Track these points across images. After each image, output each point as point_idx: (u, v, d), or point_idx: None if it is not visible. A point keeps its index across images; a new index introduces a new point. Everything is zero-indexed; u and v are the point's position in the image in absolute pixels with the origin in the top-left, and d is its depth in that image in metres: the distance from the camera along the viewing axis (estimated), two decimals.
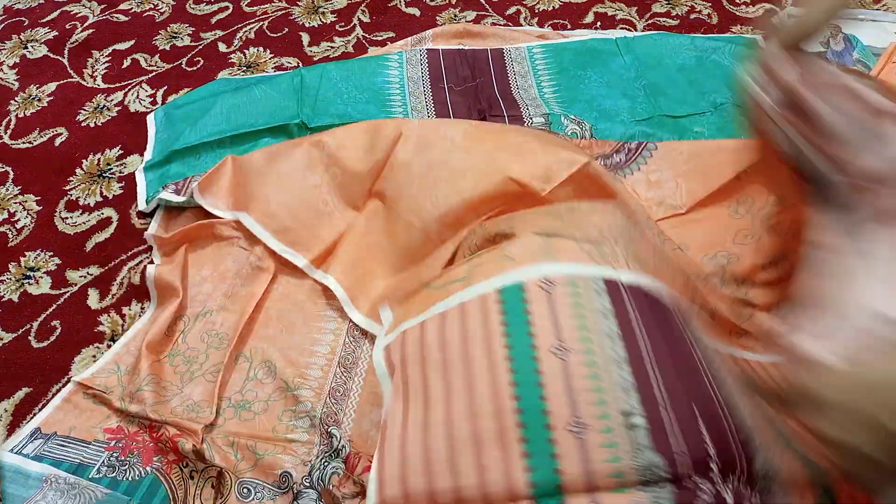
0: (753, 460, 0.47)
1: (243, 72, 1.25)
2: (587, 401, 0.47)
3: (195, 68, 1.28)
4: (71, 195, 1.07)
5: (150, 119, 1.17)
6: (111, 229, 1.02)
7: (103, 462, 0.74)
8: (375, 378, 0.66)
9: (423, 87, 1.13)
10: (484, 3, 1.35)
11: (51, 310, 0.92)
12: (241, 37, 1.34)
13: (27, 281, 0.96)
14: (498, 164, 0.82)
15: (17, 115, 1.23)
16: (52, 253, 0.99)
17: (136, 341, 0.85)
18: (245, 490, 0.71)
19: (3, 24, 1.46)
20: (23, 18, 1.47)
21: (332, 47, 1.29)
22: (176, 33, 1.37)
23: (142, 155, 1.12)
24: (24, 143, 1.17)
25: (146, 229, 0.98)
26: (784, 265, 0.78)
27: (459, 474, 0.48)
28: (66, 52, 1.36)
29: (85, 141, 1.16)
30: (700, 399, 0.48)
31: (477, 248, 0.73)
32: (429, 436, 0.52)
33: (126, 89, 1.25)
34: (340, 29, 1.34)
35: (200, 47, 1.33)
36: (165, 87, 1.24)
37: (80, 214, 1.04)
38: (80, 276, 0.96)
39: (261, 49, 1.31)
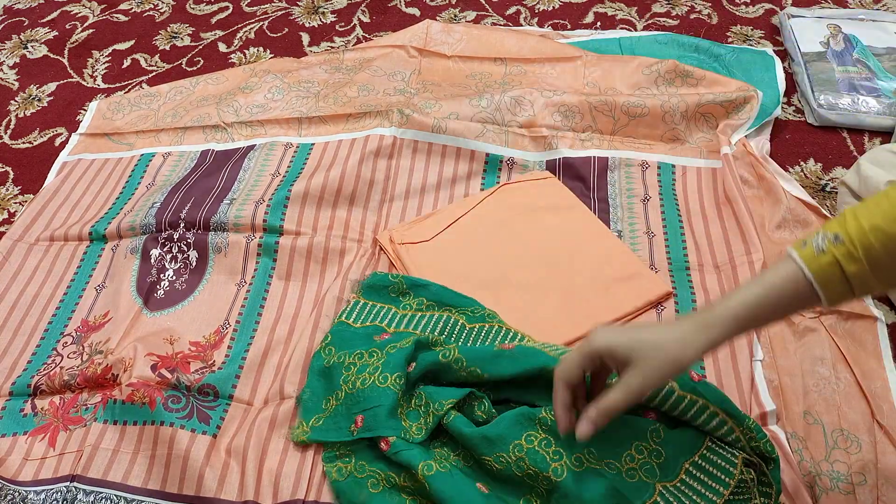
0: (209, 221, 0.90)
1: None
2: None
3: (195, 68, 1.28)
4: None
5: None
6: None
7: None
8: None
9: None
10: (484, 3, 1.35)
11: None
12: (241, 37, 1.34)
13: None
14: None
15: (17, 115, 1.23)
16: None
17: None
18: None
19: (3, 24, 1.46)
20: (23, 18, 1.47)
21: (332, 47, 1.29)
22: (176, 33, 1.37)
23: None
24: (24, 143, 1.17)
25: None
26: None
27: None
28: (66, 52, 1.36)
29: None
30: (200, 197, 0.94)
31: None
32: None
33: (126, 89, 1.25)
34: (340, 29, 1.34)
35: (200, 47, 1.33)
36: None
37: None
38: None
39: (261, 49, 1.31)
